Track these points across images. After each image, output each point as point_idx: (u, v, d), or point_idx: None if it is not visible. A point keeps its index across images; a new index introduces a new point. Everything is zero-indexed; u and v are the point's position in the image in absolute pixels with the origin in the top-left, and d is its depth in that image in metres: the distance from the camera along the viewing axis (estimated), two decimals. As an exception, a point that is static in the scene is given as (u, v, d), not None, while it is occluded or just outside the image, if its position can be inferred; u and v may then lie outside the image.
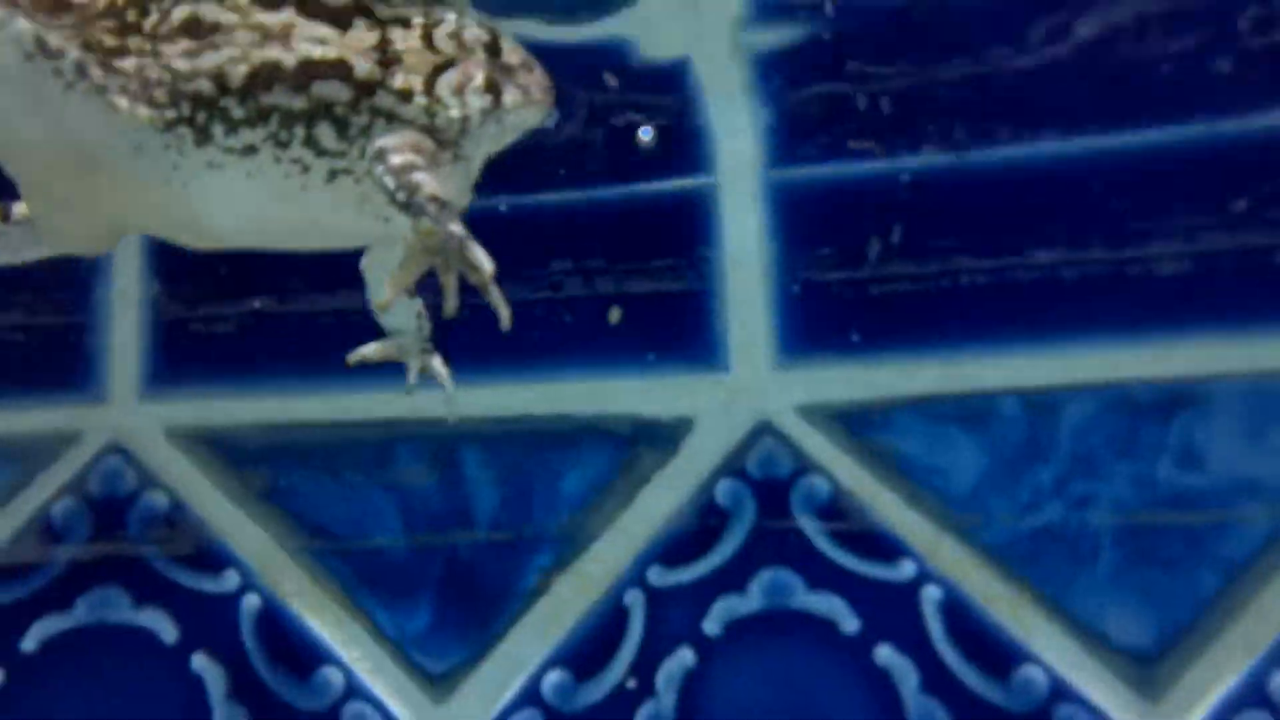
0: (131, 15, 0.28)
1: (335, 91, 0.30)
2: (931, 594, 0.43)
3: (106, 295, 0.50)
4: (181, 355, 0.49)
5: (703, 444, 0.46)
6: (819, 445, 0.45)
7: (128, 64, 0.28)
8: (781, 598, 0.45)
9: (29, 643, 0.47)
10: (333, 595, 0.47)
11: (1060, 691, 0.41)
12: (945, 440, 0.44)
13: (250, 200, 0.30)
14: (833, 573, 0.44)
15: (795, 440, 0.46)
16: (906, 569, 0.44)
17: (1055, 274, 0.43)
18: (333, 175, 0.31)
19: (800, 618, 0.44)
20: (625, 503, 0.46)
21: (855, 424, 0.45)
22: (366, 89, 0.30)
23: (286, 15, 0.30)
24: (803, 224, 0.46)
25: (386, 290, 0.30)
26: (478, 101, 0.33)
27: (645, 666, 0.45)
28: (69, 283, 0.49)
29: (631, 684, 0.45)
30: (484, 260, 0.29)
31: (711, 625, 0.45)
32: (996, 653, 0.42)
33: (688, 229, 0.47)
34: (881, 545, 0.44)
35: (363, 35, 0.31)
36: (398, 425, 0.47)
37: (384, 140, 0.30)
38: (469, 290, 0.47)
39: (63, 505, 0.47)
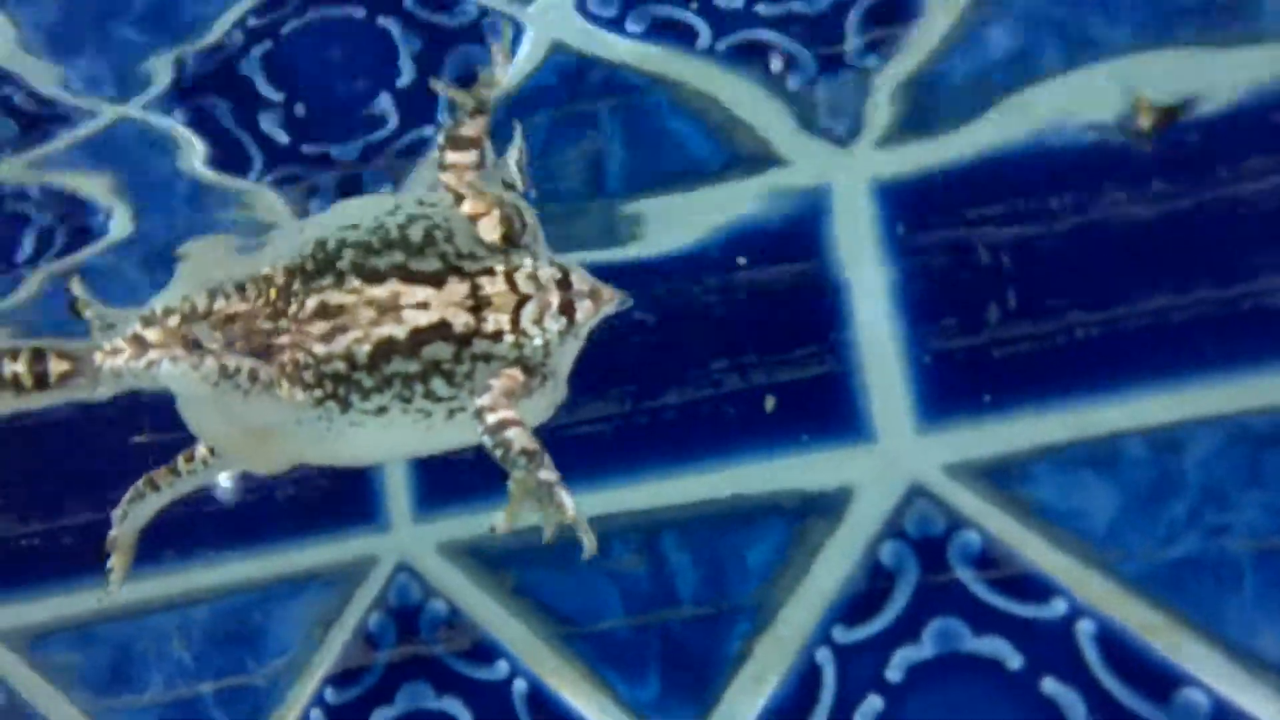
0: (280, 305, 0.42)
1: (440, 350, 0.42)
2: (1086, 627, 0.56)
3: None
4: (437, 481, 0.72)
5: (864, 510, 0.62)
6: (967, 501, 0.59)
7: (285, 357, 0.42)
8: (951, 643, 0.59)
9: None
10: (581, 673, 0.67)
11: (1223, 711, 0.52)
12: (1080, 484, 0.56)
13: (388, 443, 0.44)
14: (993, 616, 0.58)
15: (945, 499, 0.60)
16: (1059, 606, 0.56)
17: (1164, 318, 0.54)
18: (451, 414, 0.43)
19: (970, 660, 0.58)
20: (804, 570, 0.63)
21: (997, 478, 0.58)
22: (465, 340, 0.43)
23: (392, 286, 0.43)
24: (925, 299, 0.60)
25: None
26: (555, 325, 0.44)
27: (842, 714, 0.61)
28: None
29: (834, 730, 0.61)
30: (568, 503, 0.42)
31: (894, 673, 0.60)
32: (1155, 677, 0.54)
33: (822, 321, 0.63)
34: (1034, 587, 0.57)
35: (456, 289, 0.43)
36: (608, 520, 0.67)
37: (480, 400, 0.42)
38: (642, 399, 0.66)
39: (375, 617, 0.72)
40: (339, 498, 0.72)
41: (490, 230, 0.44)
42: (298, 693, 0.71)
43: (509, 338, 0.43)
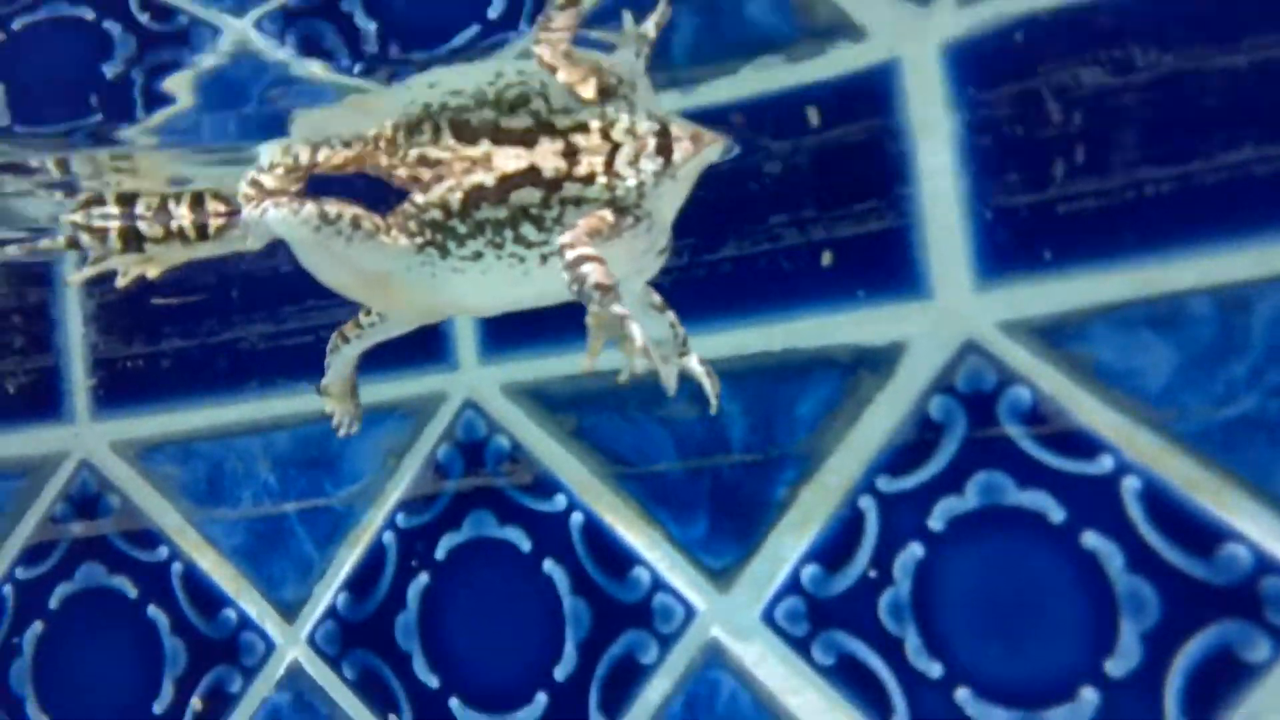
0: (385, 157, 0.43)
1: (528, 195, 0.42)
2: (1131, 483, 0.54)
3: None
4: (501, 328, 0.73)
5: (915, 365, 0.60)
6: (1020, 358, 0.57)
7: (387, 214, 0.43)
8: (995, 496, 0.58)
9: (440, 552, 0.74)
10: (635, 510, 0.68)
11: (1266, 565, 0.50)
12: (1138, 343, 0.53)
13: (491, 289, 0.44)
14: (1039, 471, 0.56)
15: (998, 355, 0.58)
16: (1106, 462, 0.54)
17: (1242, 173, 0.50)
18: (544, 259, 0.43)
19: (1013, 512, 0.57)
20: (852, 422, 0.62)
21: (1052, 336, 0.56)
22: (554, 185, 0.42)
23: (485, 147, 0.43)
24: (990, 153, 0.57)
25: (586, 358, 0.46)
26: (650, 165, 0.43)
27: (883, 559, 0.61)
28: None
29: (873, 574, 0.61)
30: (638, 336, 0.39)
31: (936, 523, 0.59)
32: (1199, 532, 0.52)
33: (885, 173, 0.60)
34: (1082, 443, 0.55)
35: (550, 145, 0.42)
36: (665, 371, 0.67)
37: (562, 237, 0.41)
38: (700, 252, 0.65)
39: (443, 449, 0.73)
40: (411, 337, 0.73)
41: (587, 90, 0.43)
42: (372, 516, 0.74)
43: (601, 180, 0.43)
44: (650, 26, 0.49)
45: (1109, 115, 0.54)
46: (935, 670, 0.58)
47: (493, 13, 0.64)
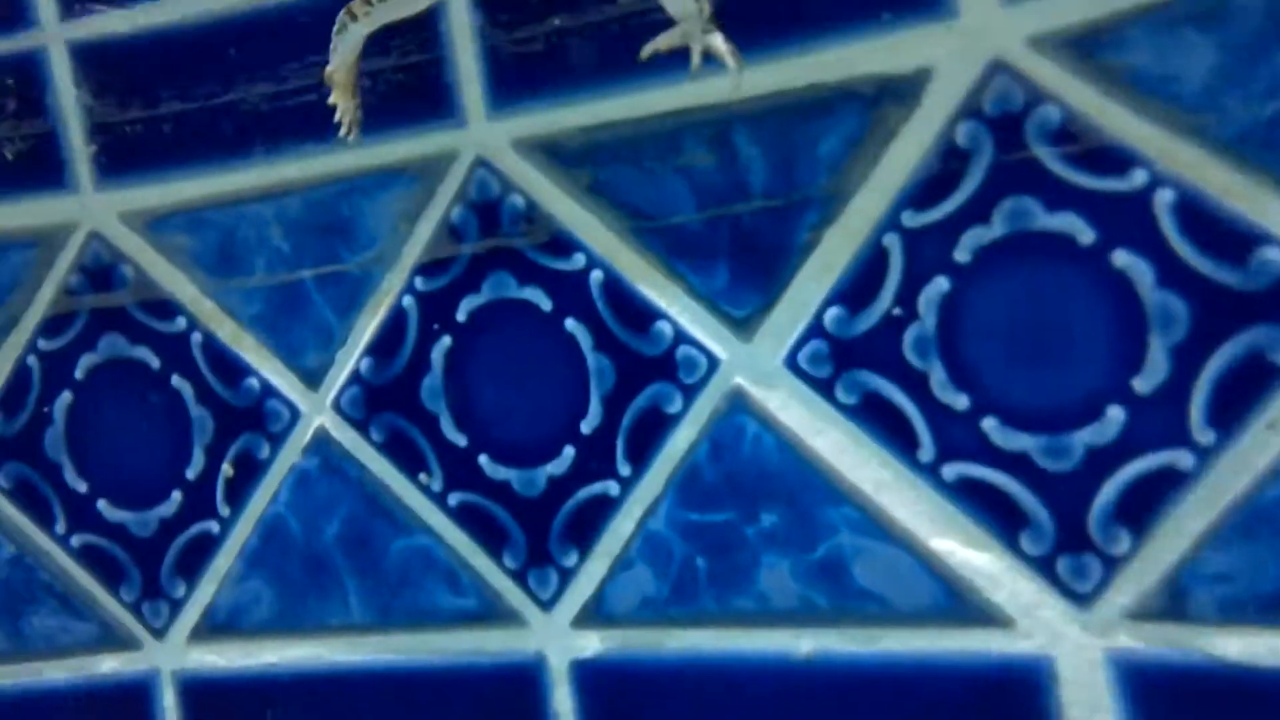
0: None
1: None
2: (1165, 197, 0.53)
3: (449, 30, 0.71)
4: (512, 77, 0.71)
5: (941, 91, 0.58)
6: (1050, 74, 0.55)
7: None
8: (1022, 222, 0.57)
9: (461, 314, 0.74)
10: (655, 264, 0.67)
11: (1298, 292, 0.50)
12: (1178, 44, 0.51)
13: None
14: (1067, 192, 0.55)
15: (1026, 73, 0.56)
16: (1139, 177, 0.53)
17: None
18: None
19: (1040, 237, 0.56)
20: (876, 157, 0.60)
21: (1085, 47, 0.54)
22: None
23: None
24: None
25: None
26: None
27: (907, 296, 0.61)
28: (421, 24, 0.70)
29: (897, 311, 0.61)
30: (722, 48, 0.40)
31: (961, 254, 0.59)
32: (1233, 239, 0.51)
33: (913, -118, 0.57)
34: (1113, 159, 0.54)
35: None
36: (681, 115, 0.65)
37: None
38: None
39: (457, 211, 0.73)
40: (413, 91, 0.71)
41: None
42: (391, 281, 0.74)
43: None
44: None
45: None
46: (961, 402, 0.59)
47: None
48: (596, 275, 0.68)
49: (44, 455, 0.83)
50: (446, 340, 0.73)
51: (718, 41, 0.55)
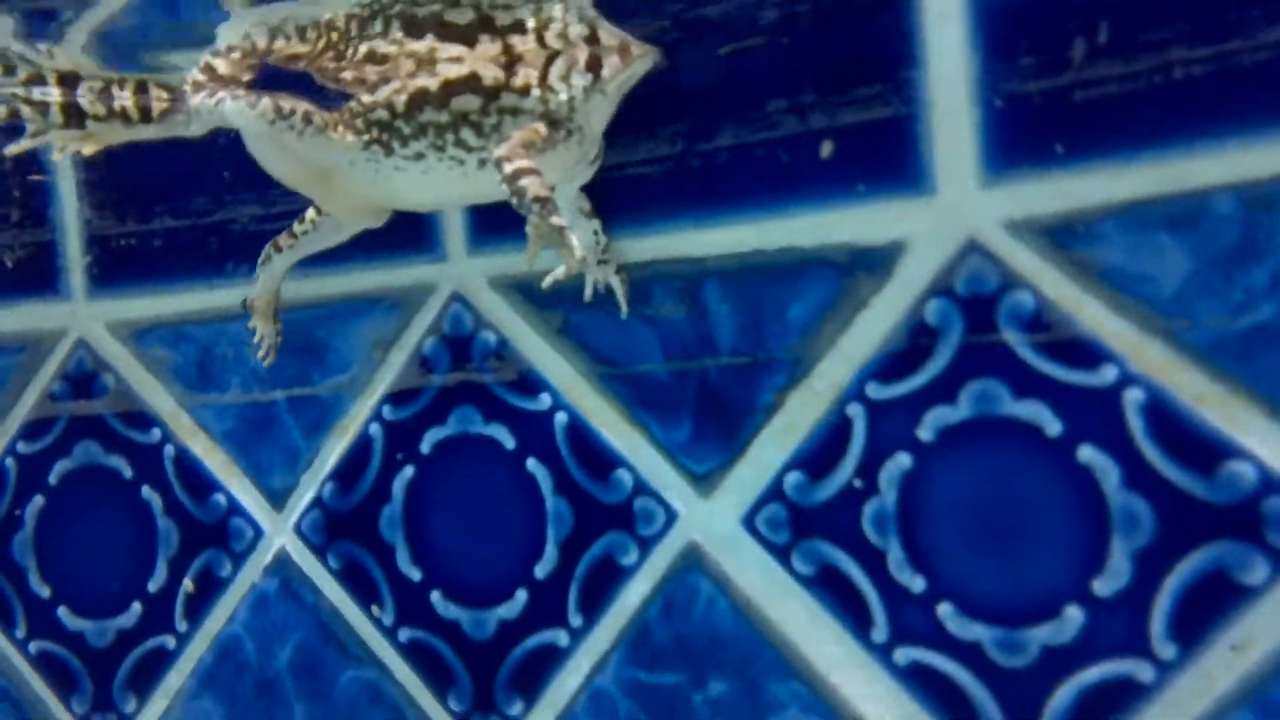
0: (340, 49, 0.44)
1: (468, 103, 0.43)
2: (1134, 396, 0.48)
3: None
4: (494, 216, 0.67)
5: (914, 266, 0.54)
6: (1024, 260, 0.51)
7: (336, 111, 0.43)
8: (989, 406, 0.52)
9: (425, 446, 0.70)
10: (619, 411, 0.64)
11: (1271, 484, 0.45)
12: (1152, 246, 0.47)
13: (431, 188, 0.45)
14: (1036, 381, 0.51)
15: (1001, 256, 0.52)
16: (1109, 373, 0.49)
17: (1281, 51, 0.43)
18: (481, 163, 0.44)
19: (1006, 424, 0.52)
20: (845, 326, 0.56)
21: (1060, 236, 0.50)
22: (493, 94, 0.43)
23: (429, 41, 0.43)
24: (1005, 32, 0.51)
25: (526, 260, 0.47)
26: (580, 81, 0.44)
27: (869, 469, 0.56)
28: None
29: (858, 483, 0.56)
30: (576, 247, 0.41)
31: (925, 433, 0.54)
32: (1202, 448, 0.46)
33: (891, 52, 0.54)
34: (1084, 352, 0.49)
35: (488, 48, 0.43)
36: (652, 265, 0.62)
37: (498, 150, 0.42)
38: (695, 140, 0.60)
39: (430, 342, 0.69)
40: (399, 224, 0.69)
41: None
42: (359, 407, 0.71)
43: (535, 92, 0.43)
44: None
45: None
46: (918, 584, 0.54)
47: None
48: (561, 418, 0.65)
49: (10, 558, 0.80)
50: (409, 471, 0.69)
51: (611, 273, 0.57)
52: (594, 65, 0.44)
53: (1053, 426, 0.50)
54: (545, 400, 0.65)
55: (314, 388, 0.71)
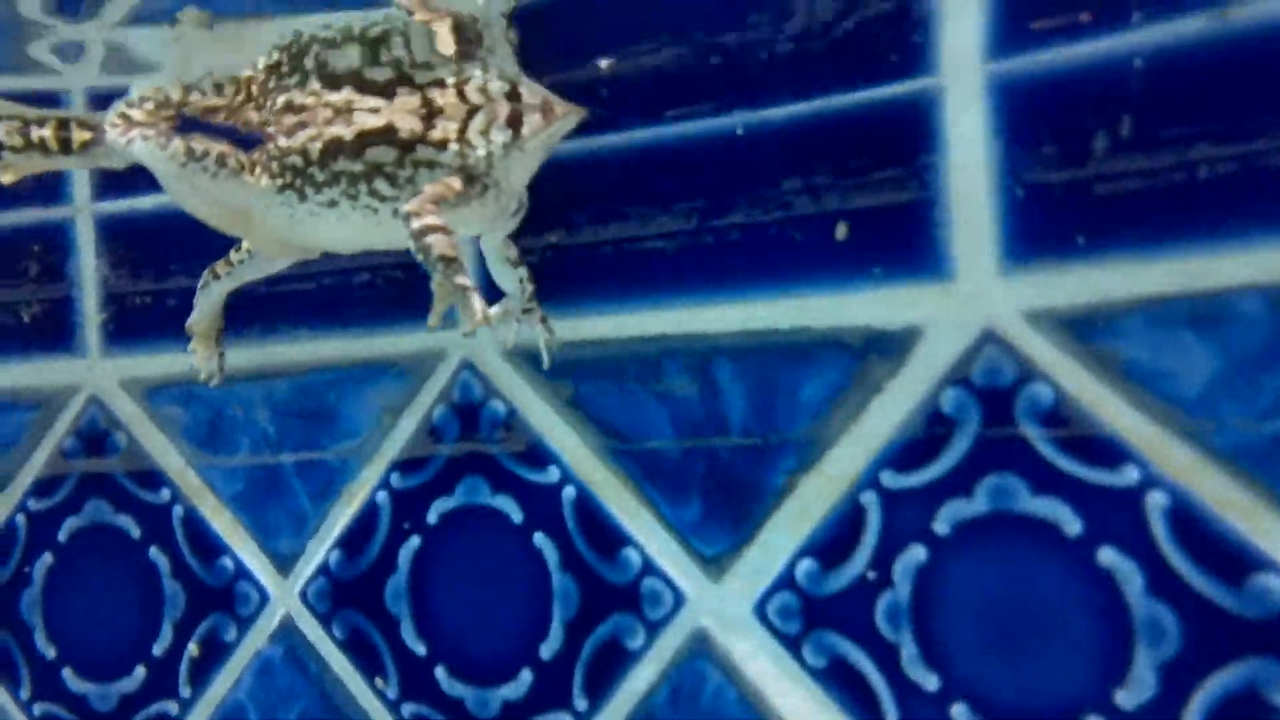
0: (259, 100, 0.44)
1: (383, 154, 0.43)
2: (1157, 499, 0.46)
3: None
4: (497, 289, 0.67)
5: (930, 353, 0.53)
6: (1043, 352, 0.50)
7: (253, 153, 0.43)
8: (1006, 502, 0.51)
9: (432, 516, 0.69)
10: (628, 487, 0.63)
11: (1303, 606, 0.43)
12: (1176, 343, 0.46)
13: (347, 234, 0.45)
14: (1055, 478, 0.49)
15: (1019, 347, 0.50)
16: (1131, 474, 0.47)
17: (1312, 151, 0.42)
18: (395, 212, 0.44)
19: (1024, 521, 0.50)
20: (859, 411, 0.55)
21: (1081, 329, 0.49)
22: (409, 146, 0.43)
23: (346, 93, 0.43)
24: (1027, 121, 0.50)
25: (431, 318, 0.46)
26: (500, 137, 0.44)
27: (883, 560, 0.55)
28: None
29: (871, 575, 0.55)
30: (477, 310, 0.41)
31: (941, 526, 0.53)
32: (1229, 558, 0.44)
33: (911, 136, 0.53)
34: (1105, 451, 0.48)
35: (407, 100, 0.43)
36: (663, 340, 0.61)
37: (407, 204, 0.42)
38: (709, 216, 0.59)
39: (439, 410, 0.69)
40: (411, 289, 0.69)
41: (445, 43, 0.44)
42: (368, 474, 0.70)
43: (453, 146, 0.43)
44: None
45: (1164, 78, 0.46)
46: (931, 682, 0.52)
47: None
48: (569, 492, 0.64)
49: (19, 617, 0.80)
50: (415, 541, 0.68)
51: (536, 322, 0.58)
52: (515, 121, 0.44)
53: (1072, 526, 0.49)
54: (554, 473, 0.64)
55: (322, 452, 0.71)
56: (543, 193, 0.62)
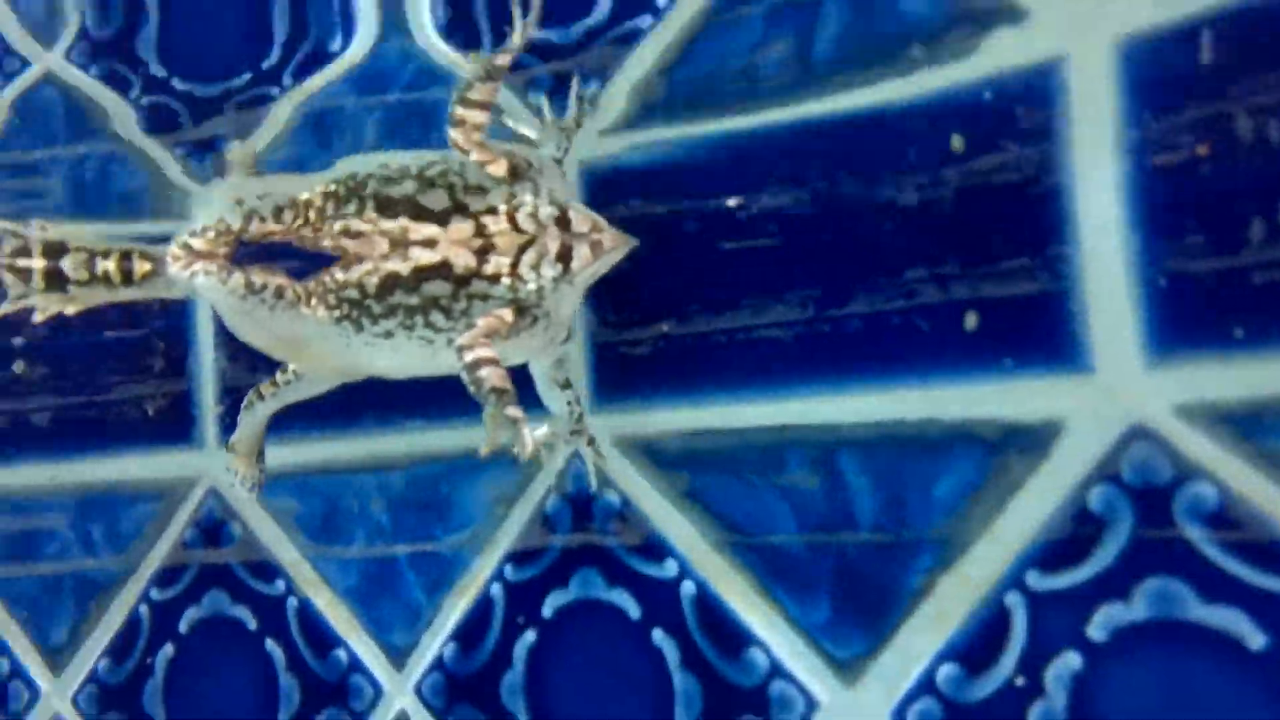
0: (316, 227, 0.45)
1: (439, 288, 0.44)
2: (1347, 613, 0.43)
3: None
4: (617, 376, 0.67)
5: (1073, 448, 0.50)
6: (1203, 449, 0.47)
7: (312, 278, 0.44)
8: (1170, 609, 0.48)
9: (547, 610, 0.68)
10: (751, 584, 0.61)
11: None
12: (1359, 443, 0.42)
13: (401, 362, 0.47)
14: (1229, 585, 0.46)
15: (1174, 444, 0.47)
16: (1314, 586, 0.44)
17: None
18: (450, 343, 0.45)
19: (1196, 630, 0.47)
20: (998, 508, 0.53)
21: (1244, 425, 0.45)
22: (463, 281, 0.44)
23: (402, 221, 0.44)
24: (1168, 208, 0.47)
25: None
26: (550, 272, 0.45)
27: (1032, 666, 0.52)
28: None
29: (1020, 681, 0.52)
30: (529, 442, 0.43)
31: (1096, 631, 0.50)
32: None
33: (1041, 225, 0.51)
34: (1282, 559, 0.44)
35: (461, 228, 0.44)
36: (784, 431, 0.59)
37: (460, 338, 0.44)
38: (827, 305, 0.57)
39: (552, 501, 0.68)
40: (525, 376, 0.68)
41: (498, 169, 0.45)
42: (480, 565, 0.70)
43: (506, 280, 0.44)
44: (571, 119, 0.54)
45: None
46: (1091, 799, 0.49)
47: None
48: (688, 587, 0.62)
49: (141, 709, 0.81)
50: (530, 636, 0.67)
51: (584, 446, 0.58)
52: (565, 256, 0.45)
53: (1255, 639, 0.45)
54: (672, 567, 0.62)
55: (436, 544, 0.71)
56: (652, 282, 0.61)
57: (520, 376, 0.52)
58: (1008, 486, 0.52)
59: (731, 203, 0.59)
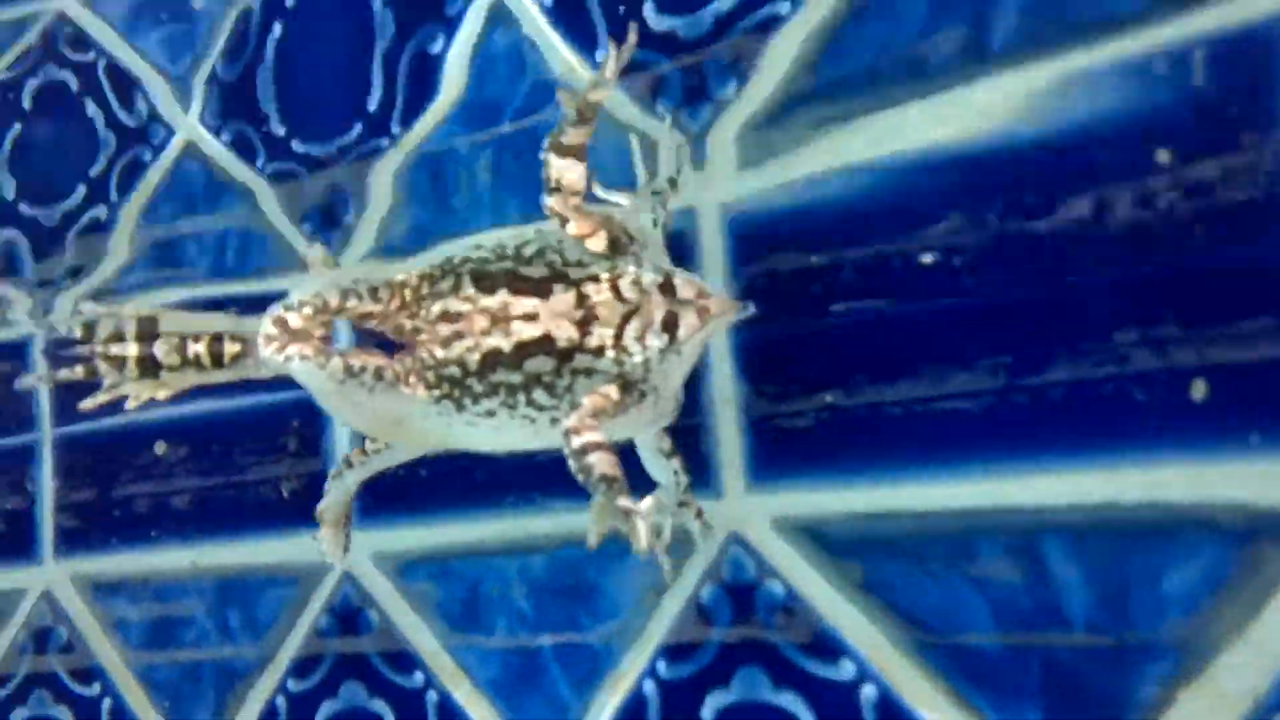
0: (412, 309, 0.44)
1: (542, 364, 0.42)
2: None
3: (709, 398, 0.63)
4: (777, 451, 0.61)
5: (1346, 540, 0.42)
6: None
7: (410, 357, 0.43)
8: None
9: (706, 712, 0.63)
10: (942, 690, 0.54)
11: None
12: None
13: (503, 440, 0.45)
14: None
15: None
16: None
17: None
18: (553, 421, 0.43)
19: None
20: (1252, 610, 0.45)
21: None
22: (567, 355, 0.42)
23: (501, 296, 0.42)
24: None
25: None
26: (656, 343, 0.43)
27: (1301, 803, 0.43)
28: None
29: (1284, 818, 0.44)
30: (642, 534, 0.40)
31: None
32: None
33: (1286, 271, 0.43)
34: None
35: (562, 298, 0.42)
36: (975, 515, 0.53)
37: (567, 421, 0.42)
38: (1021, 373, 0.51)
39: (708, 590, 0.62)
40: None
41: (597, 243, 0.44)
42: (632, 659, 0.64)
43: (610, 354, 0.43)
44: (665, 182, 0.50)
45: None
46: None
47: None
48: (869, 691, 0.55)
49: (278, 805, 0.78)
50: (691, 741, 0.61)
51: (690, 518, 0.55)
52: (670, 324, 0.43)
53: None
54: (848, 668, 0.56)
55: (583, 635, 0.66)
56: (812, 346, 0.56)
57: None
58: (1261, 584, 0.44)
59: (927, 259, 0.53)
